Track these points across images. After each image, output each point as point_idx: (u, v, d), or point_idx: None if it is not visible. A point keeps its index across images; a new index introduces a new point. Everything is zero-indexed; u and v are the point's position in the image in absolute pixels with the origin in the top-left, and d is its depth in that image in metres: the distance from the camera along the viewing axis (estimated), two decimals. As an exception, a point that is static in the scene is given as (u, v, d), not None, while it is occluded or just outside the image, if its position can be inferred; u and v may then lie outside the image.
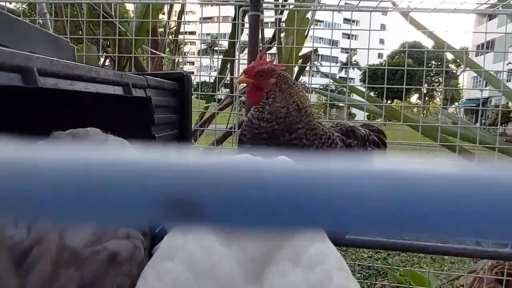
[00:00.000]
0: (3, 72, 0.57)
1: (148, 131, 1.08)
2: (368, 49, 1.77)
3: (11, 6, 2.10)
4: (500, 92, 1.76)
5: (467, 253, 1.59)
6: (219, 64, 2.33)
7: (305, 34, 2.04)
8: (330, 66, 3.30)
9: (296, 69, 2.23)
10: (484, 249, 1.58)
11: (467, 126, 1.89)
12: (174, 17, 3.30)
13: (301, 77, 2.66)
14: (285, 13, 2.08)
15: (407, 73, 1.75)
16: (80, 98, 0.86)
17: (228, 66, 2.33)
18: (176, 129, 1.30)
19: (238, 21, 1.80)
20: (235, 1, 1.78)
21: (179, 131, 1.32)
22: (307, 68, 2.32)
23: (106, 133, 0.77)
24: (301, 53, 2.24)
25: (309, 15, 2.00)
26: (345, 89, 2.11)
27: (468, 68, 1.91)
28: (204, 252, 0.46)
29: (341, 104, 2.17)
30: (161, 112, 1.17)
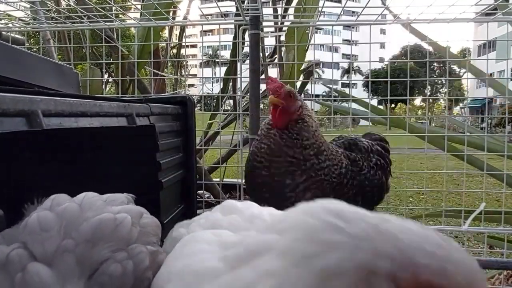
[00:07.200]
0: (8, 118, 0.57)
1: (153, 158, 1.09)
2: (370, 61, 1.77)
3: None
4: (505, 96, 1.74)
5: (481, 264, 1.55)
6: (221, 76, 2.33)
7: (306, 49, 2.04)
8: (333, 73, 3.31)
9: (298, 84, 2.24)
10: (499, 259, 1.55)
11: (474, 134, 1.87)
12: (175, 31, 3.34)
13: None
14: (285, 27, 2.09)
15: (409, 76, 1.73)
16: (84, 131, 0.87)
17: (230, 83, 2.34)
18: (181, 152, 1.30)
19: (238, 39, 1.81)
20: (235, 20, 1.79)
21: (184, 154, 1.32)
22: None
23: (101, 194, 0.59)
24: (303, 67, 2.24)
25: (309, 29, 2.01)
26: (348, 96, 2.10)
27: (471, 75, 1.90)
28: None
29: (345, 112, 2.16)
30: (165, 138, 1.17)
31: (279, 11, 2.55)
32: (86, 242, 0.44)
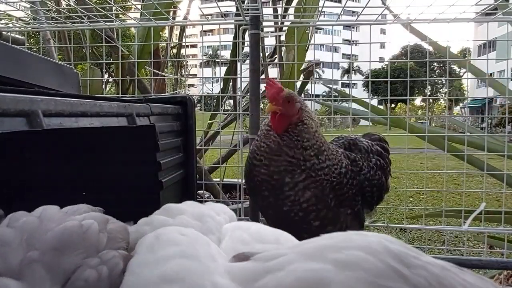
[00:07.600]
0: (8, 118, 0.57)
1: (153, 158, 1.09)
2: (370, 61, 1.77)
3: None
4: (505, 96, 1.74)
5: (481, 265, 1.55)
6: (221, 76, 2.33)
7: (306, 48, 2.04)
8: (333, 73, 3.32)
9: (298, 84, 2.24)
10: (500, 259, 1.55)
11: (474, 134, 1.87)
12: (175, 31, 3.34)
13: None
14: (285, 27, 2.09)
15: (409, 76, 1.72)
16: (84, 131, 0.87)
17: (230, 83, 2.34)
18: (181, 152, 1.30)
19: (238, 39, 1.81)
20: (235, 20, 1.79)
21: (184, 154, 1.32)
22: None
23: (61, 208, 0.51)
24: (303, 67, 2.24)
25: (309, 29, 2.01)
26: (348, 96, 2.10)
27: (471, 75, 1.90)
28: None
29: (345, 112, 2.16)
30: (165, 138, 1.17)
31: (279, 11, 2.55)
32: (53, 250, 0.40)
